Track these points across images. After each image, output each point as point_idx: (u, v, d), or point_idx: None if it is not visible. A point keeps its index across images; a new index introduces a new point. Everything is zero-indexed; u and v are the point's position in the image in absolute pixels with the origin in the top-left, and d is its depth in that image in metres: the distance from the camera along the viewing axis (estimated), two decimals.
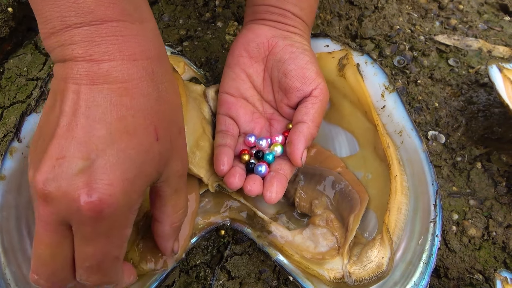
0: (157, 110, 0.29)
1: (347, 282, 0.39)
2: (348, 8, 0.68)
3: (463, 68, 0.62)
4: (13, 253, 0.37)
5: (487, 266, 0.47)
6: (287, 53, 0.44)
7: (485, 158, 0.54)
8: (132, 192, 0.27)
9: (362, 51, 0.48)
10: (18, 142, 0.39)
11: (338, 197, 0.46)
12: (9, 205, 0.38)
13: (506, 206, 0.50)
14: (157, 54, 0.30)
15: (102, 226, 0.27)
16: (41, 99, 0.40)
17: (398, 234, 0.42)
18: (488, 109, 0.58)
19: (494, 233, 0.48)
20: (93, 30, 0.27)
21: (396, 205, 0.42)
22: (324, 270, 0.40)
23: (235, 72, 0.46)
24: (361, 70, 0.47)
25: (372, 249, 0.40)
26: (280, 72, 0.44)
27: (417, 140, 0.44)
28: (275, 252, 0.42)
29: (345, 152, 0.49)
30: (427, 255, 0.40)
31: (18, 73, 0.58)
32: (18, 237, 0.38)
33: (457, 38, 0.65)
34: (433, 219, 0.41)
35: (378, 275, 0.39)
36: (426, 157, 0.43)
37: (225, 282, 0.44)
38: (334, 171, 0.47)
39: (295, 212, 0.46)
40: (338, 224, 0.44)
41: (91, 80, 0.27)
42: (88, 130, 0.26)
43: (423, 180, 0.43)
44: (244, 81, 0.46)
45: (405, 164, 0.44)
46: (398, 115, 0.46)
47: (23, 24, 0.62)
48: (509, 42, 0.66)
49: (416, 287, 0.39)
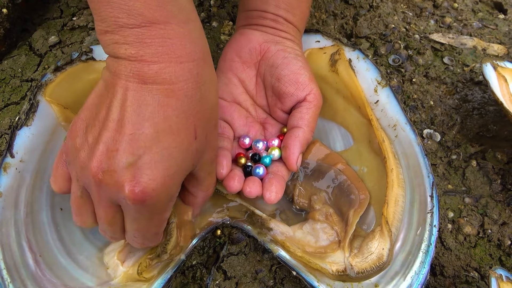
0: (198, 111, 0.32)
1: (349, 274, 0.40)
2: (343, 7, 0.68)
3: (458, 66, 0.62)
4: (16, 270, 0.37)
5: (483, 263, 0.47)
6: (279, 58, 0.44)
7: (480, 156, 0.54)
8: (171, 186, 0.31)
9: (354, 47, 0.48)
10: (11, 158, 0.39)
11: (336, 192, 0.46)
12: (7, 221, 0.38)
13: (501, 203, 0.50)
14: (201, 55, 0.32)
15: (144, 212, 0.31)
16: (31, 112, 0.40)
17: (397, 225, 0.42)
18: (483, 107, 0.58)
19: (490, 231, 0.48)
20: (143, 31, 0.29)
21: (394, 197, 0.43)
22: (326, 264, 0.41)
23: (228, 77, 0.46)
24: (353, 65, 0.48)
25: (373, 241, 0.41)
26: (274, 77, 0.45)
27: (412, 134, 0.44)
28: (276, 248, 0.43)
29: (340, 146, 0.50)
30: (426, 245, 0.41)
31: (13, 74, 0.58)
32: (20, 253, 0.38)
33: (451, 36, 0.66)
34: (430, 210, 0.42)
35: (379, 266, 0.40)
36: (421, 150, 0.44)
37: (221, 282, 0.44)
38: (333, 167, 0.47)
39: (293, 207, 0.47)
40: (337, 218, 0.44)
41: (142, 80, 0.30)
42: (138, 128, 0.29)
43: (418, 172, 0.43)
44: (236, 86, 0.46)
45: (400, 158, 0.45)
46: (392, 110, 0.46)
47: (17, 25, 0.62)
48: (504, 40, 0.66)
49: (417, 276, 0.40)
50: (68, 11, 0.65)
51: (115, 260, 0.40)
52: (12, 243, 0.38)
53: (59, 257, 0.40)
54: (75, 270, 0.40)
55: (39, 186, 0.41)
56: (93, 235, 0.43)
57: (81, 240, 0.42)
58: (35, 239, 0.39)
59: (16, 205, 0.39)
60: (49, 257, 0.39)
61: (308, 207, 0.46)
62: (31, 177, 0.40)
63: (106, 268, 0.41)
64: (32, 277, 0.37)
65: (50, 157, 0.42)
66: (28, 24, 0.64)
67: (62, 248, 0.41)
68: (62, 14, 0.65)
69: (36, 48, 0.61)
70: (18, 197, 0.39)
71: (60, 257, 0.40)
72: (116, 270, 0.40)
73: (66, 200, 0.43)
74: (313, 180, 0.47)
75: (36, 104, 0.41)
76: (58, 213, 0.42)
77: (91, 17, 0.64)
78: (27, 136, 0.40)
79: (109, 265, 0.41)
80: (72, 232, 0.42)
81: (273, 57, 0.45)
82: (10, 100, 0.56)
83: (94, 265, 0.41)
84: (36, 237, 0.39)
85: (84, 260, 0.41)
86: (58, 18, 0.65)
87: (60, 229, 0.41)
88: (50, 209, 0.41)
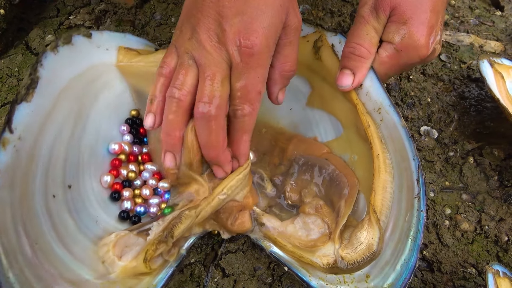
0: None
1: (340, 266, 0.40)
2: (340, 5, 0.68)
3: (455, 63, 0.62)
4: (14, 256, 0.35)
5: (480, 259, 0.47)
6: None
7: (477, 152, 0.54)
8: (269, 37, 0.37)
9: (335, 31, 0.47)
10: (10, 133, 0.36)
11: (326, 183, 0.46)
12: (3, 202, 0.35)
13: (498, 200, 0.51)
14: None
15: (252, 62, 0.36)
16: (31, 88, 0.38)
17: (386, 213, 0.42)
18: (480, 104, 0.58)
19: (487, 227, 0.49)
20: None
21: (381, 184, 0.42)
22: (316, 258, 0.40)
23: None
24: (336, 50, 0.46)
25: (361, 231, 0.40)
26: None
27: (395, 116, 0.43)
28: (269, 244, 0.42)
29: (331, 135, 0.49)
30: (414, 231, 0.40)
31: (9, 73, 0.58)
32: (16, 238, 0.36)
33: (449, 33, 0.66)
34: (417, 194, 0.40)
35: (369, 256, 0.40)
36: (405, 132, 0.42)
37: (220, 280, 0.44)
38: (321, 158, 0.47)
39: (286, 203, 0.47)
40: (327, 209, 0.44)
41: None
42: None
43: (405, 156, 0.42)
44: None
45: (387, 142, 0.43)
46: (375, 93, 0.44)
47: (13, 25, 0.61)
48: (500, 37, 0.66)
49: (406, 264, 0.39)
50: (64, 10, 0.65)
51: (111, 255, 0.40)
52: (9, 225, 0.35)
53: (54, 247, 0.38)
54: (71, 261, 0.39)
55: (33, 168, 0.39)
56: (86, 227, 0.42)
57: (74, 231, 0.41)
58: (30, 225, 0.37)
59: (12, 186, 0.36)
60: (44, 245, 0.38)
61: (299, 202, 0.46)
62: (27, 157, 0.38)
63: (102, 261, 0.40)
64: (29, 263, 0.36)
65: (45, 138, 0.40)
66: (25, 23, 0.64)
67: (56, 238, 0.39)
68: (58, 13, 0.65)
69: (33, 47, 0.61)
70: (14, 177, 0.37)
71: (55, 246, 0.39)
72: (113, 265, 0.39)
73: (58, 186, 0.41)
74: (303, 174, 0.47)
75: (36, 80, 0.39)
76: (51, 200, 0.40)
77: (88, 16, 0.64)
78: (26, 113, 0.38)
79: (104, 259, 0.40)
80: (65, 222, 0.41)
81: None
82: (7, 100, 0.56)
83: (90, 258, 0.40)
84: (31, 223, 0.37)
85: (80, 252, 0.40)
86: (54, 17, 0.65)
87: (54, 217, 0.40)
88: (44, 195, 0.40)
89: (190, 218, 0.40)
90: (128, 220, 0.45)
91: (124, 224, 0.45)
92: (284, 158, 0.49)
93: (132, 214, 0.45)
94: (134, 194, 0.47)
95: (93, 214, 0.44)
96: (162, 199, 0.47)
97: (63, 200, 0.42)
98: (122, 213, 0.45)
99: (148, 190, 0.46)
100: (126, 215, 0.45)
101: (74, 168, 0.44)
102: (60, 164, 0.42)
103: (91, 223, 0.43)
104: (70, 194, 0.42)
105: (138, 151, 0.49)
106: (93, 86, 0.46)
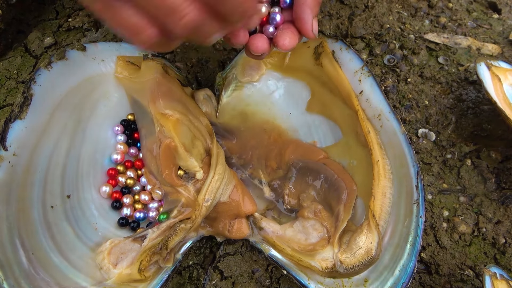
0: None
1: (338, 270, 0.40)
2: (338, 7, 0.68)
3: (453, 66, 0.63)
4: (9, 267, 0.36)
5: (478, 262, 0.47)
6: None
7: (475, 155, 0.54)
8: None
9: (336, 38, 0.48)
10: (4, 151, 0.38)
11: (324, 188, 0.46)
12: (0, 217, 0.37)
13: (495, 202, 0.51)
14: None
15: None
16: (25, 105, 0.40)
17: (385, 218, 0.42)
18: (478, 107, 0.59)
19: (484, 229, 0.49)
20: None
21: (381, 189, 0.42)
22: (315, 261, 0.41)
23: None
24: (337, 57, 0.47)
25: (360, 236, 0.41)
26: None
27: (395, 123, 0.44)
28: (268, 247, 0.43)
29: (330, 140, 0.50)
30: (413, 237, 0.40)
31: (8, 76, 0.58)
32: (12, 250, 0.37)
33: (446, 36, 0.66)
34: (416, 200, 0.41)
35: (368, 261, 0.40)
36: (405, 139, 0.43)
37: (218, 282, 0.45)
38: (319, 163, 0.47)
39: (284, 208, 0.47)
40: (326, 214, 0.44)
41: None
42: None
43: (404, 162, 0.43)
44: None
45: (387, 148, 0.44)
46: (376, 99, 0.45)
47: (12, 27, 0.61)
48: (498, 39, 0.67)
49: (405, 269, 0.39)
50: (63, 12, 0.65)
51: (106, 263, 0.40)
52: (5, 239, 0.37)
53: (52, 256, 0.39)
54: (68, 269, 0.40)
55: (31, 182, 0.40)
56: (85, 235, 0.43)
57: (73, 240, 0.42)
58: (27, 237, 0.38)
59: (8, 201, 0.38)
60: (41, 255, 0.39)
61: (298, 206, 0.46)
62: (23, 172, 0.39)
63: (99, 268, 0.40)
64: (25, 275, 0.37)
65: (42, 153, 0.41)
66: (24, 25, 0.64)
67: (54, 247, 0.40)
68: (57, 15, 0.65)
69: (31, 49, 0.61)
70: (10, 192, 0.38)
71: (53, 255, 0.40)
72: (109, 272, 0.40)
73: (57, 197, 0.42)
74: (301, 178, 0.47)
75: (29, 97, 0.40)
76: (50, 211, 0.41)
77: (87, 18, 0.64)
78: (20, 130, 0.39)
79: (101, 265, 0.40)
80: (64, 231, 0.41)
81: None
82: (5, 102, 0.56)
83: (88, 265, 0.41)
84: (28, 234, 0.39)
85: (77, 260, 0.41)
86: (53, 19, 0.65)
87: (52, 227, 0.41)
88: (42, 207, 0.41)
89: (184, 230, 0.41)
90: (127, 226, 0.45)
91: (123, 230, 0.45)
92: (282, 162, 0.49)
93: (131, 220, 0.46)
94: (134, 199, 0.47)
95: (92, 221, 0.45)
96: (160, 203, 0.47)
97: (61, 210, 0.42)
98: (121, 219, 0.45)
99: (146, 196, 0.47)
100: (125, 222, 0.45)
101: (73, 178, 0.45)
102: (58, 175, 0.43)
103: (90, 231, 0.44)
104: (69, 204, 0.43)
105: (134, 152, 0.49)
106: (90, 98, 0.47)
